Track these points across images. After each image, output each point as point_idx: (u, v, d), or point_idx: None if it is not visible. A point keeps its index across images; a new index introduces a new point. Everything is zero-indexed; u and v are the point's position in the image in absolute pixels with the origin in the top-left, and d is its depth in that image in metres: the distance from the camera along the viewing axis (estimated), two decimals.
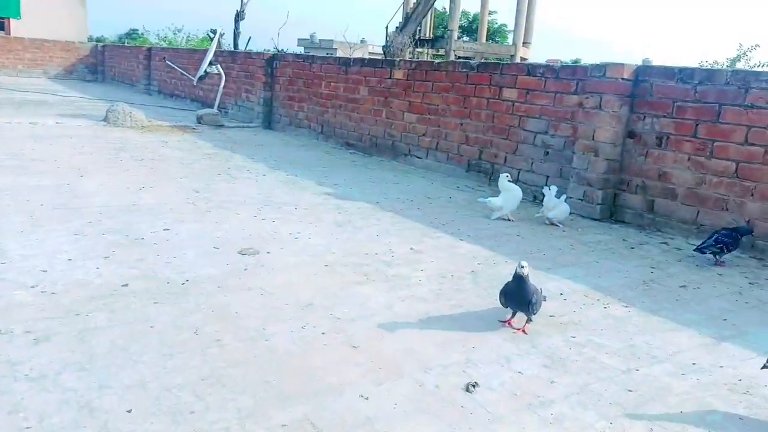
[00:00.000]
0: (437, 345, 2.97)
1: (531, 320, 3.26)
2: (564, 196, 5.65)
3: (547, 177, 6.75)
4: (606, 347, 3.11)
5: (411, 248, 4.56)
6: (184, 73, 14.28)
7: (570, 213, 5.69)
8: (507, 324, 3.25)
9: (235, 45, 19.80)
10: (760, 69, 18.61)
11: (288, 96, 11.49)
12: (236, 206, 5.39)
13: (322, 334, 3.00)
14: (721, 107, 5.31)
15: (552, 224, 5.64)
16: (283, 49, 19.55)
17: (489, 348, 2.99)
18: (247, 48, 18.80)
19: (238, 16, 19.57)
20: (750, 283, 4.38)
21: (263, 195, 5.94)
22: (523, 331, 3.20)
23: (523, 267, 3.10)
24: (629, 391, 2.68)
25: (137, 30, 42.40)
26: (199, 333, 2.89)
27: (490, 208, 5.71)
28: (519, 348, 3.02)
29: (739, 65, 21.13)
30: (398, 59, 9.28)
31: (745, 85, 5.15)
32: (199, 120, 11.47)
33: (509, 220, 5.71)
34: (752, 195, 5.14)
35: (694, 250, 4.87)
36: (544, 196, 5.71)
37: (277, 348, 2.81)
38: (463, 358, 2.85)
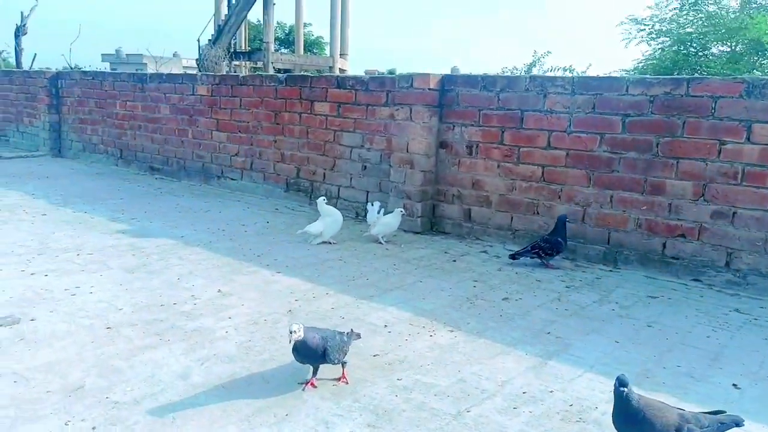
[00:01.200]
0: (243, 419, 2.47)
1: (345, 363, 2.85)
2: (398, 210, 5.54)
3: (368, 192, 6.55)
4: (435, 387, 2.83)
5: (219, 291, 4.03)
6: None
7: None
8: (309, 385, 2.78)
9: (18, 63, 17.43)
10: (553, 74, 20.51)
11: (79, 119, 10.17)
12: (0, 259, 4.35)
13: (92, 429, 2.33)
14: (524, 113, 5.41)
15: (378, 241, 5.46)
16: (77, 66, 17.59)
17: (305, 412, 2.55)
18: (33, 66, 16.60)
19: (19, 31, 17.25)
20: (567, 287, 4.44)
21: (38, 241, 5.00)
22: (344, 380, 2.79)
23: (292, 332, 2.62)
24: None
25: None
26: None
27: (311, 234, 5.37)
28: (340, 406, 2.62)
29: (535, 70, 23.15)
30: (200, 74, 8.53)
31: (543, 91, 5.28)
32: None
33: (331, 243, 5.39)
34: (559, 197, 5.28)
35: (509, 257, 4.97)
36: (366, 212, 5.56)
37: None
38: None
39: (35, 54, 17.44)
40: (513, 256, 4.93)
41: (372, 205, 5.53)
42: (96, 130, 9.89)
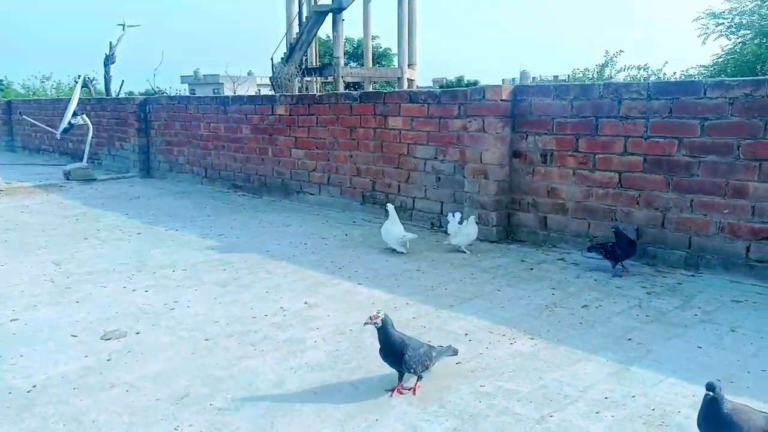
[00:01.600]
0: (336, 424, 2.64)
1: (421, 377, 2.96)
2: (472, 218, 5.60)
3: (442, 203, 6.65)
4: (517, 393, 2.91)
5: (305, 303, 4.21)
6: (45, 126, 13.12)
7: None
8: (395, 392, 2.92)
9: (107, 90, 18.69)
10: (623, 76, 19.95)
11: (166, 141, 10.83)
12: (103, 277, 4.81)
13: None
14: (598, 120, 5.38)
15: (459, 251, 5.57)
16: (161, 90, 18.70)
17: (394, 417, 2.70)
18: (121, 92, 17.76)
19: (108, 60, 18.52)
20: (648, 293, 4.40)
21: (136, 259, 5.38)
22: (414, 391, 2.90)
23: (371, 317, 2.86)
24: None
25: (0, 81, 39.20)
26: None
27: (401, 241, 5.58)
28: (427, 411, 2.74)
29: (607, 71, 22.53)
30: (279, 94, 8.95)
31: (617, 97, 5.24)
32: (67, 176, 10.53)
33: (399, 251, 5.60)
34: (638, 203, 5.22)
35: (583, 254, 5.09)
36: (447, 222, 5.72)
37: None
38: None
39: (123, 80, 18.63)
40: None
41: (453, 215, 5.65)
42: (182, 151, 10.49)
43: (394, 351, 2.83)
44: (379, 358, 3.07)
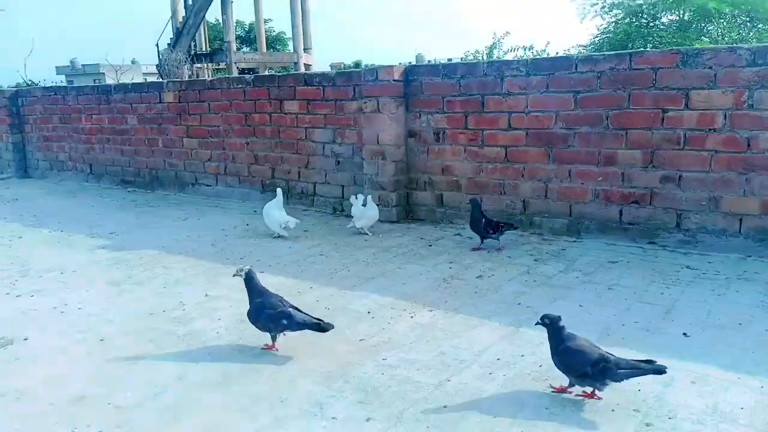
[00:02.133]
0: (243, 410, 2.67)
1: (275, 336, 3.23)
2: (370, 203, 5.65)
3: (343, 186, 6.72)
4: (417, 362, 3.06)
5: (206, 295, 4.16)
6: None
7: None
8: (267, 348, 3.26)
9: None
10: (511, 57, 20.80)
11: (44, 136, 10.15)
12: None
13: None
14: (484, 97, 5.62)
15: (362, 233, 5.64)
16: (32, 82, 17.35)
17: (301, 395, 2.77)
18: None
19: None
20: (535, 260, 4.71)
21: (19, 264, 5.08)
22: (271, 348, 3.15)
23: (238, 271, 3.26)
24: (444, 407, 2.64)
25: None
26: None
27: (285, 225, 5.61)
28: (332, 388, 2.83)
29: (495, 53, 23.39)
30: (166, 81, 8.60)
31: (500, 75, 5.50)
32: None
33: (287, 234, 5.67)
34: (523, 176, 5.53)
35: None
36: (351, 206, 5.73)
37: None
38: (271, 418, 2.58)
39: None
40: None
41: (356, 198, 5.67)
42: (62, 146, 9.88)
43: (252, 306, 3.16)
44: (282, 339, 3.12)
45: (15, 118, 10.41)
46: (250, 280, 3.22)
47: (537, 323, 2.75)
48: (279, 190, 5.78)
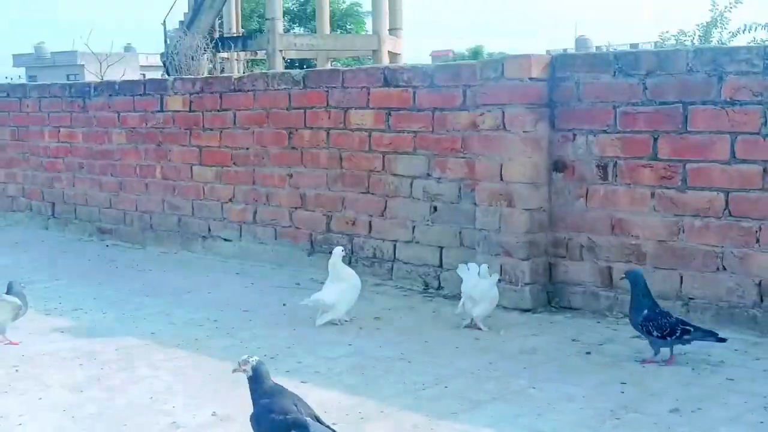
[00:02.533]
0: None
1: None
2: (487, 271, 4.54)
3: (441, 248, 5.57)
4: None
5: (213, 413, 3.28)
6: None
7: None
8: None
9: None
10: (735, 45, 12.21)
11: None
12: None
13: None
14: (688, 108, 4.33)
15: (476, 327, 4.56)
16: None
17: None
18: None
19: None
20: None
21: None
22: None
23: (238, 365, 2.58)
24: None
25: None
26: None
27: (320, 309, 4.68)
28: None
29: (716, 34, 14.66)
30: (173, 78, 7.25)
31: (717, 71, 4.24)
32: None
33: (339, 324, 4.72)
34: (758, 241, 4.00)
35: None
36: (461, 279, 4.64)
37: None
38: None
39: None
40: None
41: (468, 268, 4.59)
42: (12, 175, 8.98)
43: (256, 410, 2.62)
44: None
45: None
46: (257, 376, 2.65)
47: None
48: (337, 250, 4.87)
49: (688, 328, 3.87)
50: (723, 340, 3.93)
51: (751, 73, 4.22)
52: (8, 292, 4.88)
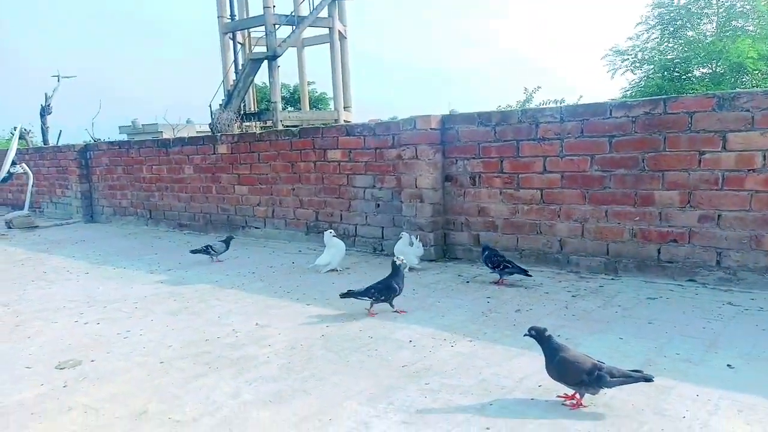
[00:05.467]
0: (292, 426, 2.71)
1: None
2: (416, 241, 5.82)
3: (383, 228, 6.82)
4: (459, 387, 3.06)
5: (256, 324, 4.24)
6: None
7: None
8: (370, 314, 4.10)
9: (45, 140, 18.17)
10: (544, 106, 20.73)
11: (108, 185, 10.65)
12: (53, 314, 4.72)
13: None
14: (519, 143, 5.69)
15: (412, 269, 5.66)
16: (99, 139, 18.31)
17: (346, 416, 2.79)
18: (59, 142, 17.30)
19: (44, 111, 18.05)
20: (573, 296, 4.66)
21: (86, 295, 5.29)
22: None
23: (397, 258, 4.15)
24: (487, 429, 2.61)
25: None
26: None
27: (320, 266, 5.84)
28: (376, 408, 2.85)
29: (529, 106, 23.62)
30: (220, 134, 9.01)
31: (534, 121, 5.56)
32: (9, 224, 10.17)
33: (338, 270, 5.85)
34: (558, 216, 5.53)
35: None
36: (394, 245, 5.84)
37: None
38: None
39: (60, 131, 18.18)
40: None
41: (401, 236, 5.84)
42: (125, 194, 10.35)
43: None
44: (331, 363, 3.19)
45: (84, 169, 11.00)
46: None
47: (525, 335, 2.94)
48: (328, 231, 6.05)
49: (508, 264, 4.98)
50: (528, 274, 4.95)
51: (553, 122, 5.36)
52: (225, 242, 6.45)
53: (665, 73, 22.98)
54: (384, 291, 4.35)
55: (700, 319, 3.94)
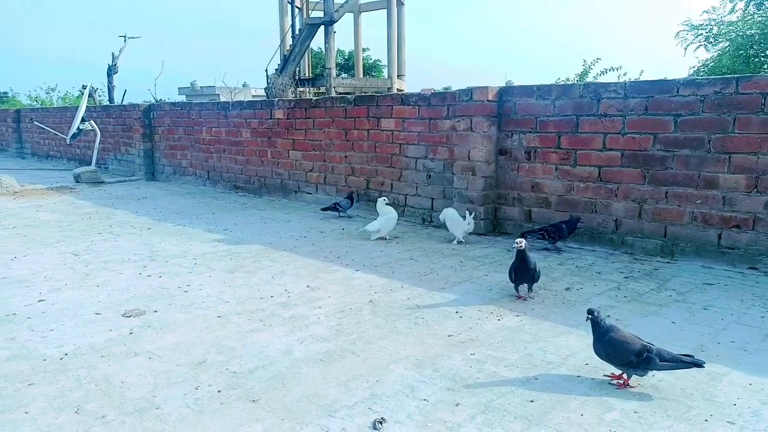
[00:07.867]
0: (340, 384, 2.81)
1: (531, 290, 4.02)
2: (469, 217, 5.80)
3: (432, 199, 6.83)
4: (504, 360, 3.09)
5: (307, 286, 4.38)
6: (55, 132, 13.30)
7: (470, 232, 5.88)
8: (519, 298, 3.98)
9: (110, 99, 18.87)
10: (608, 81, 19.92)
11: (169, 145, 11.00)
12: (119, 265, 4.99)
13: (218, 392, 2.75)
14: (579, 118, 5.56)
15: (459, 243, 5.77)
16: (161, 99, 18.87)
17: (393, 379, 2.87)
18: (123, 101, 17.92)
19: (110, 70, 18.69)
20: (625, 278, 4.59)
21: (148, 250, 5.55)
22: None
23: (517, 243, 3.87)
24: (531, 402, 2.65)
25: (6, 93, 39.30)
26: (80, 412, 2.56)
27: (370, 232, 5.92)
28: (422, 374, 2.93)
29: (588, 79, 22.71)
30: (277, 99, 9.14)
31: (596, 96, 5.42)
32: (77, 179, 10.69)
33: (387, 239, 5.91)
34: (616, 196, 5.41)
35: (520, 234, 5.30)
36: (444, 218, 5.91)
37: (169, 416, 2.53)
38: (367, 394, 2.71)
39: (125, 90, 18.80)
40: (523, 234, 5.21)
41: (449, 211, 5.93)
42: (185, 154, 10.68)
43: (531, 268, 3.96)
44: (378, 328, 3.27)
45: (147, 129, 11.40)
46: (523, 251, 3.82)
47: (587, 319, 2.91)
48: (382, 198, 6.17)
49: (561, 235, 5.28)
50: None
51: (616, 98, 5.21)
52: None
53: (741, 50, 21.51)
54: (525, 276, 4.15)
55: (759, 308, 3.83)
